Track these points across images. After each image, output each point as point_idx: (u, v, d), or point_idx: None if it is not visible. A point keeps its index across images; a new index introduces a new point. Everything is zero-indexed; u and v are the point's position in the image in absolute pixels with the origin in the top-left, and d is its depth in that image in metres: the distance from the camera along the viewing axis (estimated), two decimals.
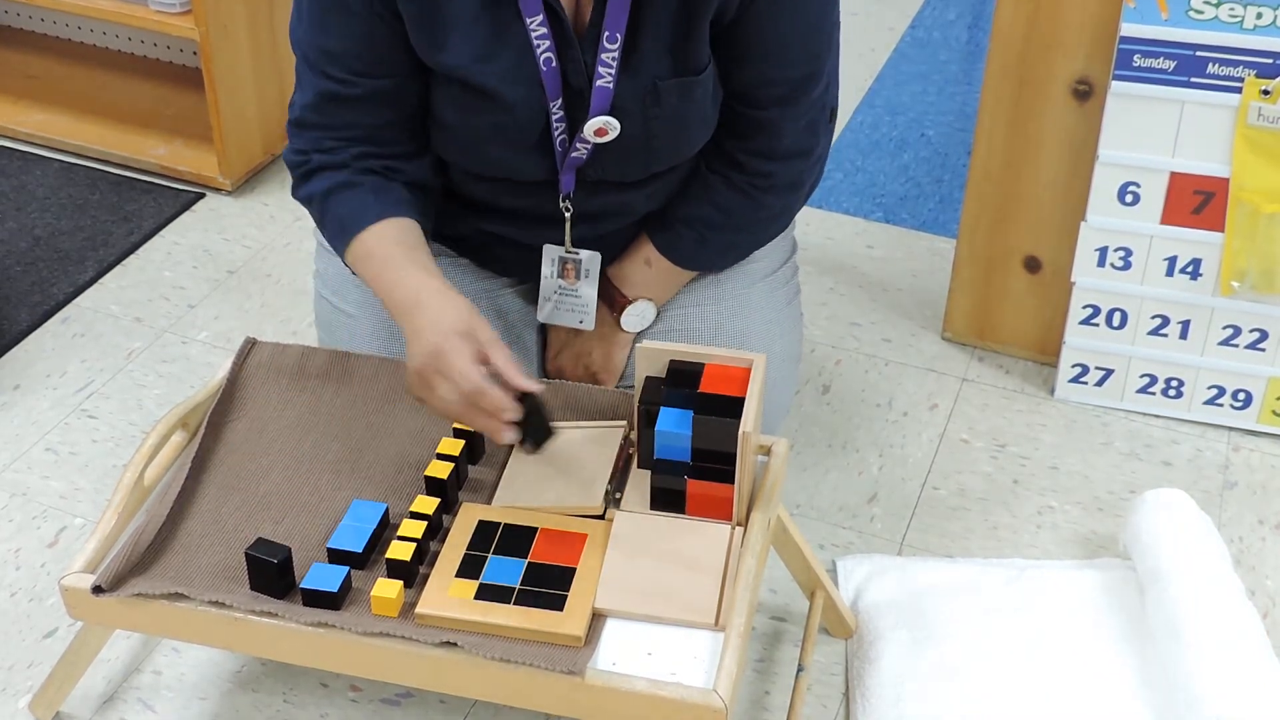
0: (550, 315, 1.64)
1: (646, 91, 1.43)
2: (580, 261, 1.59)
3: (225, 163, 2.50)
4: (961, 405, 2.06)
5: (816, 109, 1.53)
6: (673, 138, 1.49)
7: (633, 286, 1.62)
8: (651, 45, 1.41)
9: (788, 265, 1.72)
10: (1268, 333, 1.93)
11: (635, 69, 1.42)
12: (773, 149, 1.53)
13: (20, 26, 2.93)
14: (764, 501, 1.38)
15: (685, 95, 1.45)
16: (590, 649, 1.26)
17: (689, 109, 1.46)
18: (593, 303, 1.61)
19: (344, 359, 1.57)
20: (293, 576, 1.32)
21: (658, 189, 1.57)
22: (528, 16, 1.39)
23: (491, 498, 1.41)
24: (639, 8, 1.39)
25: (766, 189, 1.56)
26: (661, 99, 1.44)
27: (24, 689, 1.62)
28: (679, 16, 1.40)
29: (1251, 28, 1.75)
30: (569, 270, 1.60)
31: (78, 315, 2.22)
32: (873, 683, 1.60)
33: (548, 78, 1.42)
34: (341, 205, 1.47)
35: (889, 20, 3.13)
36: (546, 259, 1.60)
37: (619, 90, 1.43)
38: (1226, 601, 1.59)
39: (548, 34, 1.40)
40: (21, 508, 1.87)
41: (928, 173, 2.62)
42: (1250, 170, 1.82)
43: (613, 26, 1.39)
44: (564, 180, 1.52)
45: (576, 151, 1.48)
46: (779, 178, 1.56)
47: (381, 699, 1.61)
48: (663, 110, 1.45)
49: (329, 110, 1.47)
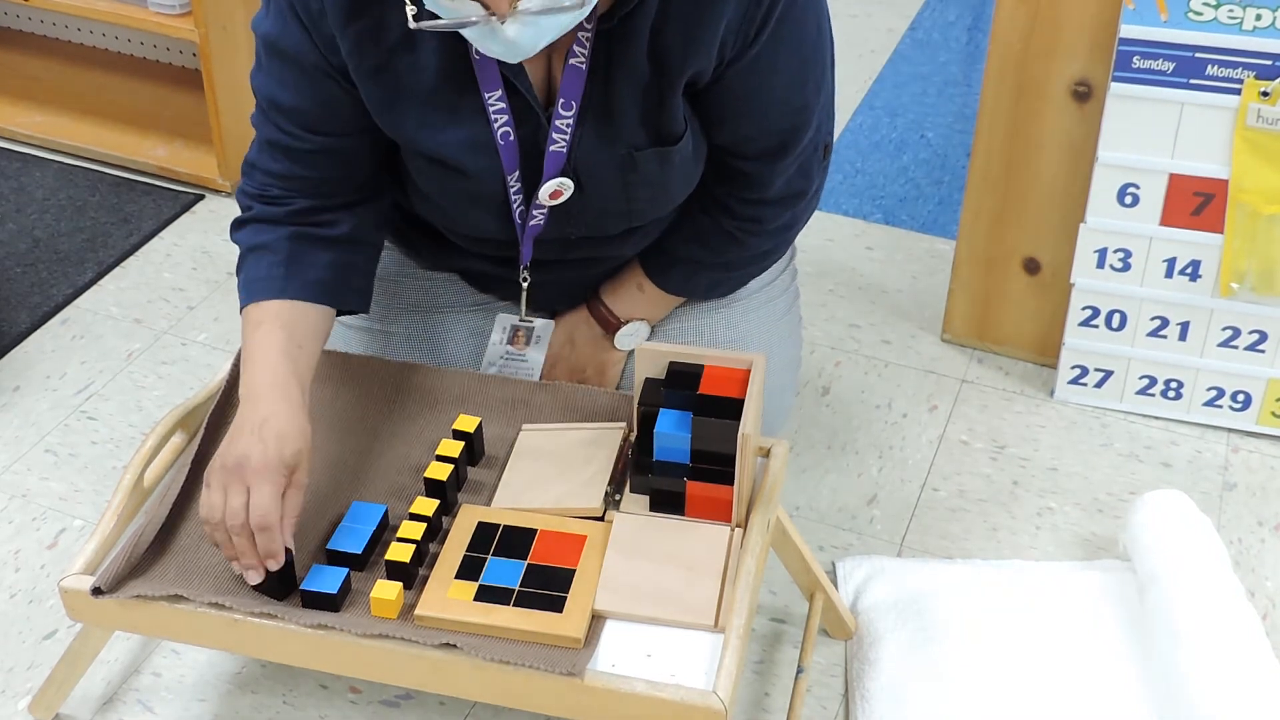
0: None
1: (622, 159, 1.41)
2: (533, 329, 1.60)
3: (225, 164, 2.50)
4: (961, 407, 2.06)
5: (808, 152, 1.49)
6: (652, 199, 1.47)
7: (625, 309, 1.62)
8: (624, 115, 1.38)
9: (786, 272, 1.72)
10: (1267, 334, 1.93)
11: (609, 138, 1.40)
12: (763, 196, 1.51)
13: (20, 28, 2.93)
14: (763, 503, 1.38)
15: (664, 162, 1.42)
16: (589, 650, 1.26)
17: (668, 173, 1.44)
18: (539, 366, 1.61)
19: (343, 360, 1.57)
20: (294, 580, 1.32)
21: (642, 237, 1.56)
22: (485, 91, 1.37)
23: (491, 499, 1.41)
24: (609, 78, 1.36)
25: (757, 232, 1.55)
26: (639, 166, 1.42)
27: (23, 690, 1.62)
28: (650, 87, 1.37)
29: (1251, 29, 1.75)
30: (519, 337, 1.60)
31: (77, 317, 2.22)
32: (872, 684, 1.60)
33: (504, 150, 1.40)
34: (252, 267, 1.45)
35: (888, 22, 3.14)
36: (497, 327, 1.61)
37: (594, 158, 1.41)
38: (1226, 603, 1.59)
39: (506, 108, 1.38)
40: (21, 509, 1.87)
41: (927, 174, 2.62)
42: (1249, 172, 1.82)
43: (568, 93, 1.36)
44: (523, 251, 1.52)
45: (534, 219, 1.47)
46: (770, 222, 1.54)
47: (381, 700, 1.61)
48: (640, 176, 1.43)
49: (277, 158, 1.45)
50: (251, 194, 1.47)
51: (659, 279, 1.60)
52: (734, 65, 1.37)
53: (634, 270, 1.61)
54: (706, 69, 1.36)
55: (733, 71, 1.38)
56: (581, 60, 1.35)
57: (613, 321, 1.62)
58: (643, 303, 1.62)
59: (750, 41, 1.36)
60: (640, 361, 1.41)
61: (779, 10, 1.34)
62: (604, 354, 1.64)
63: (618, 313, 1.62)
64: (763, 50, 1.36)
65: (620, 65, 1.35)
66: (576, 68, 1.35)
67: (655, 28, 1.33)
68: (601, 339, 1.64)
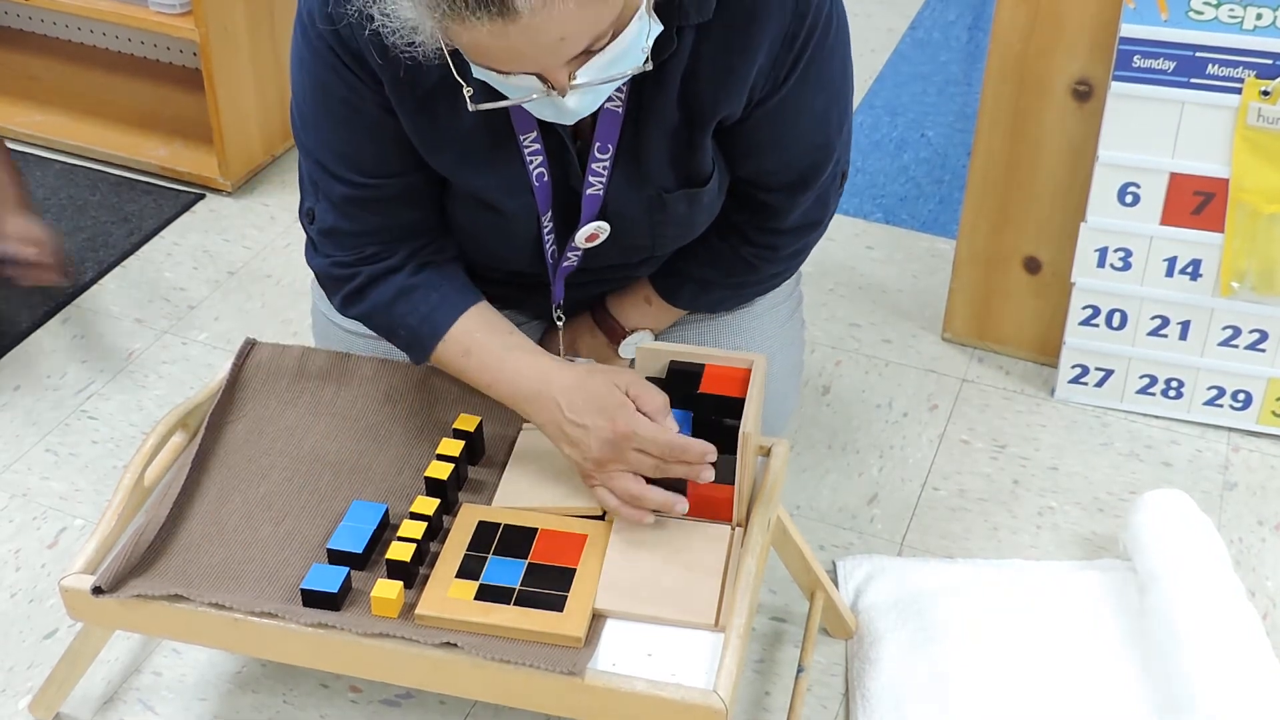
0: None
1: (651, 200, 1.42)
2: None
3: (225, 164, 2.50)
4: (961, 406, 2.06)
5: (827, 183, 1.50)
6: (678, 235, 1.49)
7: (631, 319, 1.63)
8: (654, 159, 1.39)
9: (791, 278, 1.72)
10: (1267, 333, 1.93)
11: (639, 181, 1.40)
12: (780, 226, 1.52)
13: (20, 27, 2.93)
14: (764, 502, 1.38)
15: (692, 203, 1.43)
16: (590, 650, 1.26)
17: (694, 211, 1.45)
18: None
19: (344, 360, 1.57)
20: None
21: (659, 260, 1.58)
22: (520, 134, 1.36)
23: (491, 498, 1.41)
24: (640, 122, 1.36)
25: (771, 259, 1.56)
26: (667, 207, 1.43)
27: (24, 690, 1.62)
28: (680, 131, 1.37)
29: (1251, 28, 1.75)
30: None
31: (78, 316, 2.22)
32: (872, 684, 1.60)
33: (539, 192, 1.40)
34: (412, 314, 1.42)
35: (889, 21, 3.14)
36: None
37: (624, 199, 1.41)
38: (1226, 602, 1.59)
39: (540, 149, 1.37)
40: (21, 508, 1.87)
41: (928, 173, 2.62)
42: (1250, 171, 1.82)
43: (604, 137, 1.36)
44: (555, 290, 1.52)
45: (568, 261, 1.48)
46: (784, 249, 1.55)
47: (381, 700, 1.61)
48: (668, 216, 1.44)
49: (358, 216, 1.41)
50: (349, 262, 1.43)
51: (669, 296, 1.60)
52: (763, 105, 1.38)
53: (643, 284, 1.62)
54: (736, 112, 1.37)
55: (760, 111, 1.38)
56: (618, 105, 1.35)
57: (619, 331, 1.63)
58: (649, 314, 1.62)
59: (780, 84, 1.37)
60: (640, 361, 1.41)
61: (809, 54, 1.35)
62: (608, 364, 1.64)
63: (624, 323, 1.63)
64: (790, 92, 1.37)
65: (651, 111, 1.35)
66: (613, 112, 1.35)
67: (687, 74, 1.33)
68: (605, 348, 1.64)
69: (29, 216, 1.99)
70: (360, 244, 1.43)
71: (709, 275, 1.57)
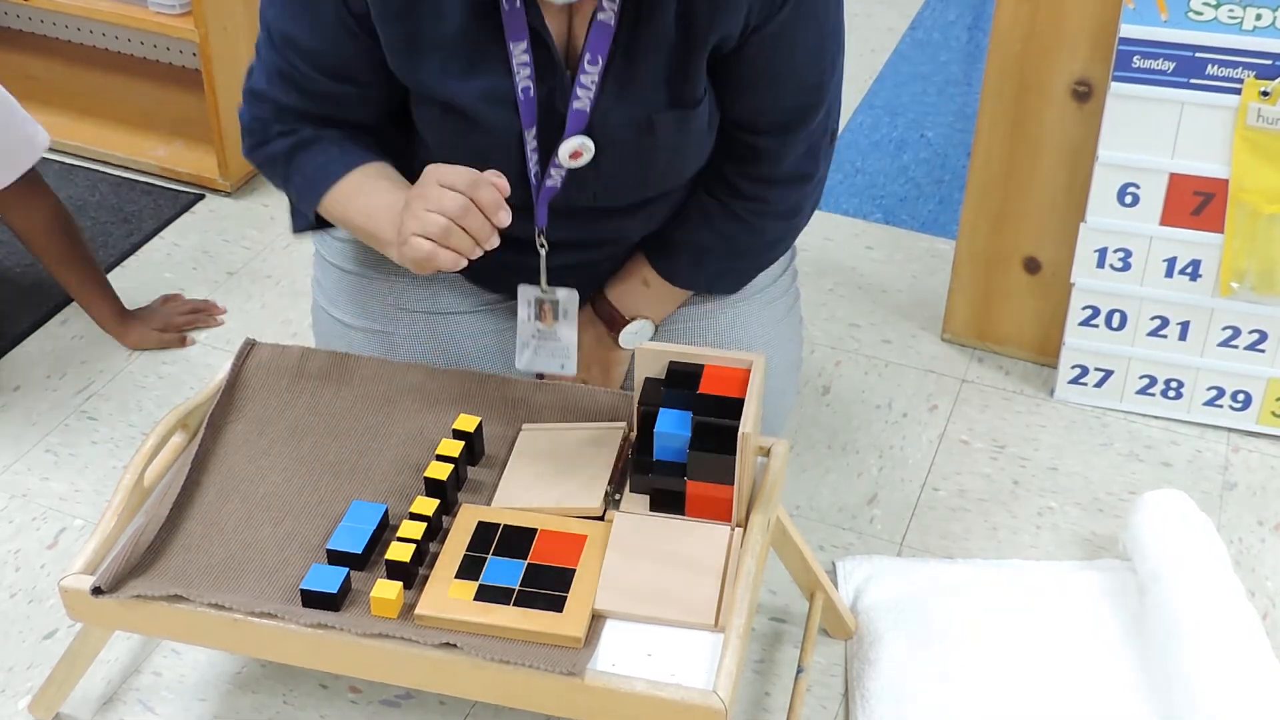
0: (530, 362, 1.59)
1: (641, 121, 1.41)
2: (558, 302, 1.56)
3: (225, 164, 2.50)
4: (961, 406, 2.06)
5: (817, 134, 1.50)
6: (666, 165, 1.47)
7: (630, 306, 1.62)
8: (647, 76, 1.39)
9: (786, 273, 1.72)
10: (1267, 334, 1.93)
11: (630, 99, 1.40)
12: (771, 174, 1.51)
13: (20, 27, 2.93)
14: (763, 502, 1.38)
15: (681, 126, 1.43)
16: (590, 650, 1.26)
17: (684, 139, 1.44)
18: (573, 346, 1.58)
19: (343, 360, 1.57)
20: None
21: (651, 214, 1.56)
22: (511, 42, 1.36)
23: (491, 499, 1.41)
24: (634, 38, 1.37)
25: (764, 214, 1.55)
26: (656, 129, 1.42)
27: (24, 690, 1.62)
28: (677, 49, 1.38)
29: (1251, 29, 1.75)
30: (545, 312, 1.57)
31: (78, 316, 2.22)
32: (872, 684, 1.60)
33: (524, 106, 1.39)
34: (309, 162, 1.44)
35: (889, 21, 3.14)
36: (522, 300, 1.57)
37: (613, 119, 1.41)
38: (1226, 602, 1.59)
39: (529, 61, 1.37)
40: (21, 509, 1.87)
41: (927, 174, 2.62)
42: (1250, 171, 1.82)
43: (594, 49, 1.36)
44: (538, 213, 1.49)
45: (551, 179, 1.46)
46: (777, 204, 1.54)
47: (381, 700, 1.61)
48: (657, 140, 1.43)
49: (289, 92, 1.44)
50: (264, 118, 1.46)
51: (666, 270, 1.59)
52: (758, 32, 1.38)
53: (639, 265, 1.61)
54: (733, 34, 1.37)
55: (756, 39, 1.39)
56: (609, 16, 1.34)
57: (618, 319, 1.62)
58: (648, 298, 1.61)
59: (776, 10, 1.37)
60: (640, 361, 1.41)
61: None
62: (608, 353, 1.64)
63: (622, 310, 1.62)
64: (787, 20, 1.38)
65: (647, 25, 1.35)
66: (604, 24, 1.34)
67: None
68: (606, 338, 1.63)
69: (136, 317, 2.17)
70: (281, 111, 1.46)
71: (704, 241, 1.56)
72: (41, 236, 2.04)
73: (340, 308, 1.64)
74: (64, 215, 2.06)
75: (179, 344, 2.14)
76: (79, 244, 2.09)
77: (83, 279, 2.10)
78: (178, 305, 2.21)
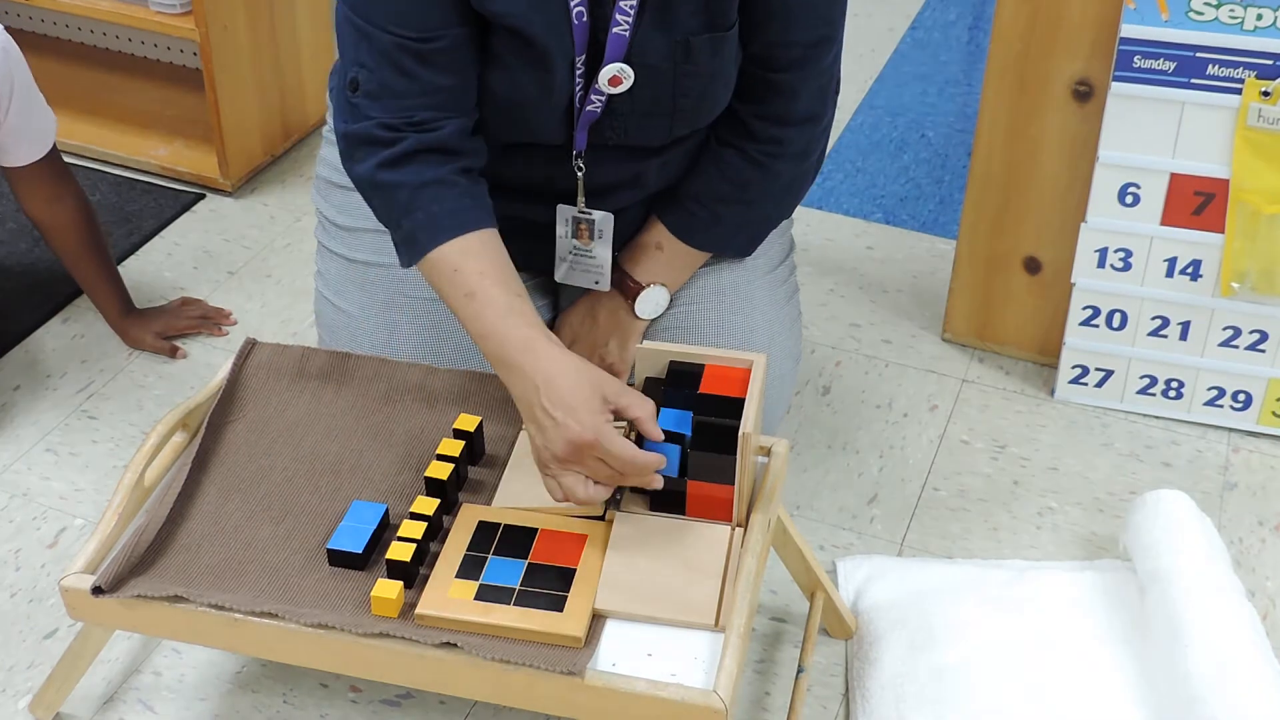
0: (566, 275, 1.64)
1: (678, 45, 1.45)
2: (594, 222, 1.59)
3: (225, 163, 2.50)
4: (961, 406, 2.06)
5: (827, 75, 1.56)
6: (700, 94, 1.50)
7: (645, 273, 1.63)
8: (684, 2, 1.43)
9: (785, 264, 1.73)
10: (1268, 334, 1.93)
11: (669, 24, 1.44)
12: (786, 113, 1.55)
13: (21, 27, 2.93)
14: (764, 502, 1.38)
15: (716, 50, 1.46)
16: (590, 650, 1.26)
17: (718, 65, 1.48)
18: (608, 264, 1.62)
19: (344, 360, 1.57)
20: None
21: (670, 160, 1.58)
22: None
23: (491, 498, 1.42)
24: None
25: (778, 155, 1.58)
26: (693, 54, 1.46)
27: (24, 690, 1.62)
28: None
29: (1251, 29, 1.75)
30: (583, 230, 1.60)
31: (78, 316, 2.22)
32: (873, 684, 1.60)
33: (577, 32, 1.43)
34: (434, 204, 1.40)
35: (889, 21, 3.14)
36: (561, 219, 1.60)
37: (651, 46, 1.44)
38: (1226, 602, 1.59)
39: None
40: (22, 508, 1.87)
41: (928, 174, 2.62)
42: (1250, 171, 1.82)
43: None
44: (577, 138, 1.52)
45: (591, 105, 1.48)
46: (790, 144, 1.58)
47: (381, 700, 1.61)
48: (693, 65, 1.46)
49: (406, 69, 1.40)
50: (394, 124, 1.41)
51: (681, 232, 1.62)
52: None
53: (653, 229, 1.63)
54: None
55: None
56: None
57: (632, 286, 1.63)
58: (662, 263, 1.63)
59: None
60: (640, 361, 1.41)
61: None
62: (625, 324, 1.65)
63: (637, 276, 1.63)
64: None
65: None
66: None
67: None
68: (622, 308, 1.64)
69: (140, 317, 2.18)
70: (409, 108, 1.41)
71: (718, 189, 1.59)
72: (65, 227, 2.04)
73: (344, 297, 1.64)
74: (88, 206, 2.06)
75: (169, 353, 2.13)
76: (99, 235, 2.08)
77: (98, 271, 2.10)
78: (189, 309, 2.20)
